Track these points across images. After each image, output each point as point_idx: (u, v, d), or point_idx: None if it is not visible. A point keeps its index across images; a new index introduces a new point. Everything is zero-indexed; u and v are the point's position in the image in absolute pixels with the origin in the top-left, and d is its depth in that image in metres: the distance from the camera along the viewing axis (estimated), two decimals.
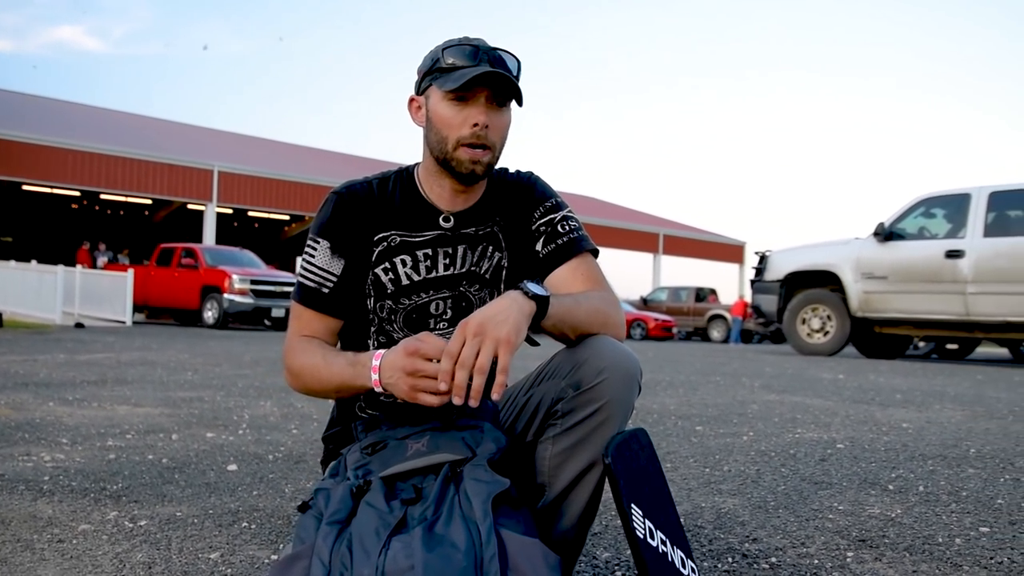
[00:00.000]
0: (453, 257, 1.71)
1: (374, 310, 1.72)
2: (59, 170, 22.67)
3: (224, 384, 6.09)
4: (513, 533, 1.32)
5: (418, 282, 1.70)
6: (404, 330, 1.72)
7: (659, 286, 32.70)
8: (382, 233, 1.70)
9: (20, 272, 18.68)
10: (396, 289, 1.70)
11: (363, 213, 1.69)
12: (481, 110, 1.59)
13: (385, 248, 1.70)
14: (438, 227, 1.71)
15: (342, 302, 1.70)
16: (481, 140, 1.60)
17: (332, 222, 1.69)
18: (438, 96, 1.62)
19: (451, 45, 1.62)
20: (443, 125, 1.62)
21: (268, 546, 2.15)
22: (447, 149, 1.62)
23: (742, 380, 7.17)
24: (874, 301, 11.18)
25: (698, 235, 39.26)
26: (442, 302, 1.72)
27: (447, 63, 1.60)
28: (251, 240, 30.10)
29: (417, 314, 1.72)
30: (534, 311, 1.45)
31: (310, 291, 1.69)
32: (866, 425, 4.32)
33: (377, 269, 1.70)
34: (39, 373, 6.45)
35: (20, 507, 2.44)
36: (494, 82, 1.58)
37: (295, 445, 3.63)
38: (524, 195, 1.77)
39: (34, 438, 3.62)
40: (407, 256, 1.70)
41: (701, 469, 3.16)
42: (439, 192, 1.71)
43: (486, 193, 1.76)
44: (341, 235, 1.68)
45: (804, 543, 2.20)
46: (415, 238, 1.70)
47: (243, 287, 17.96)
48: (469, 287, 1.73)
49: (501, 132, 1.64)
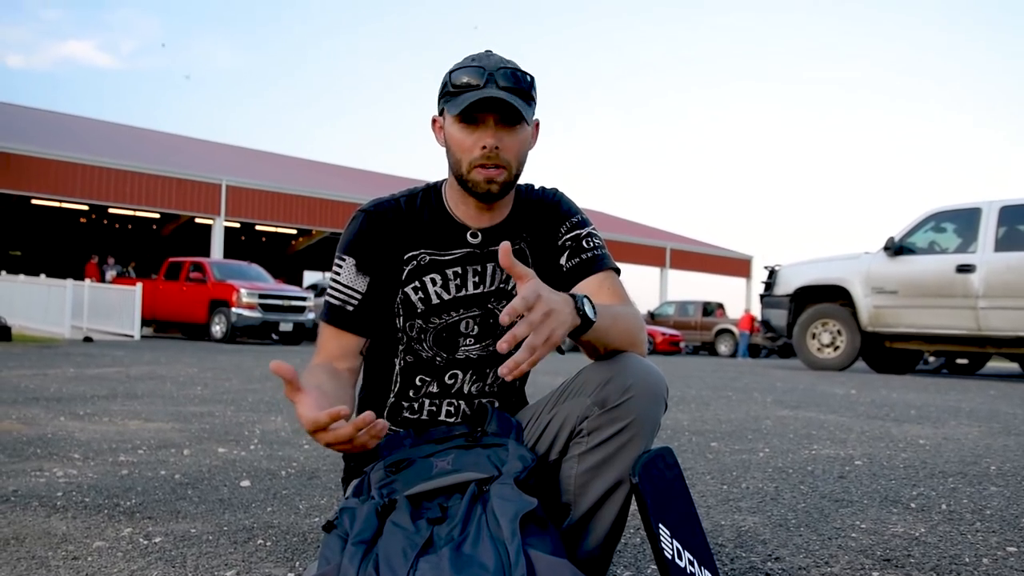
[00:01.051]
0: (483, 275, 1.70)
1: (403, 329, 1.70)
2: (68, 184, 22.76)
3: (234, 399, 6.07)
4: (541, 553, 1.30)
5: (448, 301, 1.69)
6: (434, 348, 1.70)
7: (666, 300, 32.67)
8: (411, 252, 1.68)
9: (29, 286, 18.73)
10: (426, 308, 1.68)
11: (390, 231, 1.68)
12: (490, 132, 1.58)
13: (415, 267, 1.68)
14: (466, 244, 1.70)
15: (366, 320, 1.68)
16: (493, 161, 1.59)
17: (358, 240, 1.67)
18: (450, 119, 1.62)
19: (459, 67, 1.61)
20: (456, 148, 1.62)
21: (284, 563, 2.12)
22: (463, 171, 1.62)
23: (754, 395, 7.13)
24: (884, 316, 11.14)
25: (705, 249, 39.23)
26: (471, 320, 1.70)
27: (455, 86, 1.59)
28: (259, 254, 30.15)
29: (447, 333, 1.70)
30: (576, 326, 1.41)
31: (335, 309, 1.67)
32: (882, 441, 4.28)
33: (407, 288, 1.68)
34: (49, 387, 6.45)
35: (34, 523, 2.42)
36: (498, 106, 1.57)
37: (307, 461, 3.61)
38: (550, 212, 1.76)
39: (46, 453, 3.60)
40: (437, 275, 1.68)
41: (719, 486, 3.13)
42: (465, 210, 1.70)
43: (515, 210, 1.74)
44: (367, 253, 1.67)
45: (828, 562, 2.17)
46: (444, 256, 1.69)
47: (251, 301, 17.99)
48: (497, 304, 1.72)
49: (516, 150, 1.61)
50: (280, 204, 26.79)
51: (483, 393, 1.75)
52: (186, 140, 34.55)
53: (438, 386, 1.72)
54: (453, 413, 1.72)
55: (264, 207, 26.51)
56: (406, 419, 1.72)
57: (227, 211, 25.53)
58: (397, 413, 1.73)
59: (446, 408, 1.72)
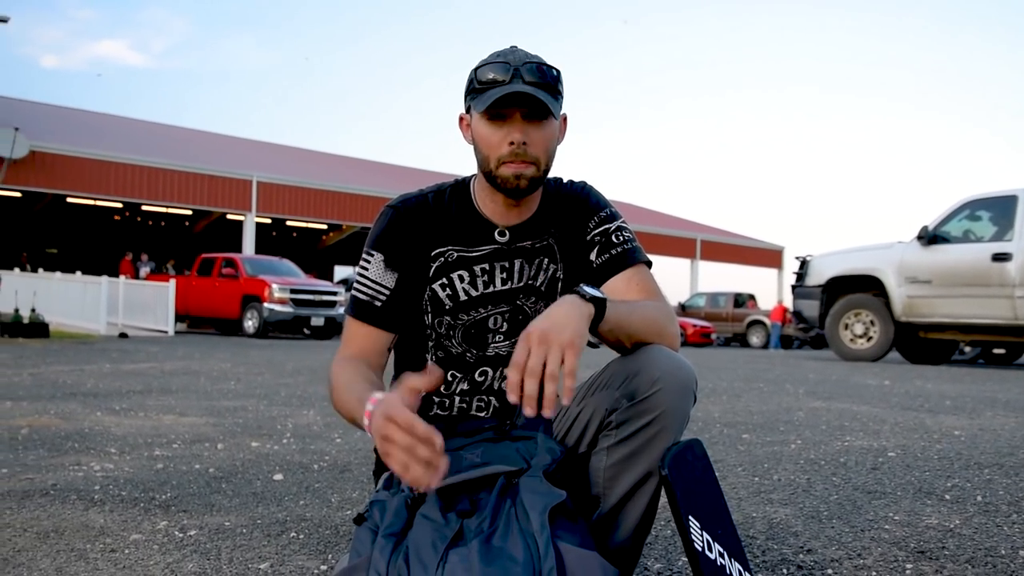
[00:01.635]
0: (510, 271, 1.70)
1: (432, 325, 1.70)
2: (102, 182, 23.04)
3: (267, 393, 6.13)
4: (570, 545, 1.31)
5: (476, 297, 1.69)
6: (463, 345, 1.70)
7: (697, 292, 32.49)
8: (439, 248, 1.69)
9: (66, 283, 18.99)
10: (454, 305, 1.69)
11: (419, 227, 1.68)
12: (518, 127, 1.57)
13: (443, 263, 1.68)
14: (494, 241, 1.70)
15: (394, 316, 1.68)
16: (521, 157, 1.58)
17: (386, 235, 1.68)
18: (477, 116, 1.61)
19: (484, 63, 1.61)
20: (484, 145, 1.61)
21: (317, 556, 2.14)
22: (491, 167, 1.61)
23: (786, 387, 7.08)
24: (918, 306, 11.00)
25: (736, 240, 38.96)
26: (500, 316, 1.70)
27: (481, 82, 1.59)
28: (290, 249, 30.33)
29: (476, 329, 1.70)
30: (592, 314, 1.42)
31: (362, 304, 1.68)
32: (917, 433, 4.24)
33: (435, 285, 1.68)
34: (86, 383, 6.54)
35: (73, 517, 2.46)
36: (524, 100, 1.56)
37: (339, 454, 3.64)
38: (578, 206, 1.75)
39: (84, 448, 3.66)
40: (464, 271, 1.69)
41: (750, 478, 3.12)
42: (493, 207, 1.70)
43: (542, 205, 1.74)
44: (395, 248, 1.67)
45: (860, 554, 2.15)
46: (472, 253, 1.69)
47: (283, 296, 18.12)
48: (526, 300, 1.71)
49: (544, 145, 1.61)
50: (310, 199, 26.96)
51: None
52: (217, 137, 34.83)
53: (469, 383, 1.72)
54: (483, 408, 1.72)
55: (294, 202, 26.69)
56: (437, 415, 1.73)
57: (258, 207, 25.73)
58: (428, 409, 1.74)
59: (476, 404, 1.73)
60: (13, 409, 4.83)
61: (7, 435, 3.92)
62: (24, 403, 5.14)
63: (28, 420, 4.42)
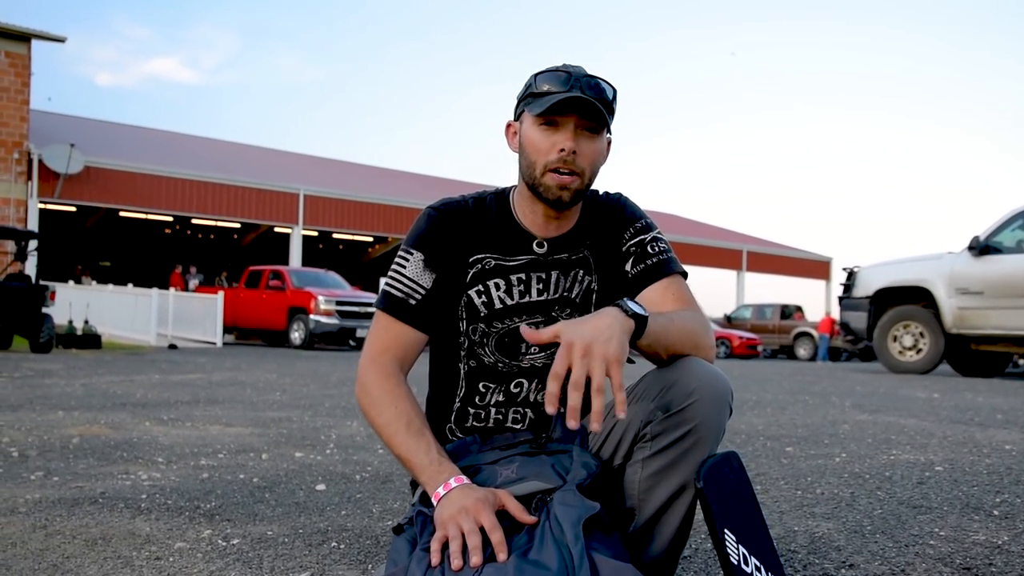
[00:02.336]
0: (547, 283, 1.71)
1: (466, 332, 1.71)
2: (154, 196, 23.50)
3: (311, 404, 6.20)
4: (605, 557, 1.31)
5: (511, 306, 1.70)
6: (495, 354, 1.71)
7: (743, 303, 32.19)
8: (477, 255, 1.70)
9: (117, 295, 19.38)
10: (489, 313, 1.70)
11: (458, 231, 1.70)
12: (569, 136, 1.58)
13: (479, 270, 1.70)
14: (532, 252, 1.71)
15: (428, 316, 1.69)
16: (568, 166, 1.59)
17: (427, 236, 1.69)
18: (529, 121, 1.62)
19: (545, 71, 1.63)
20: (532, 150, 1.62)
21: (357, 566, 2.16)
22: (535, 174, 1.62)
23: (832, 399, 6.99)
24: (970, 317, 10.80)
25: (783, 251, 38.56)
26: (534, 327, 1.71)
27: (540, 89, 1.61)
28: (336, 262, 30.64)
29: (509, 338, 1.71)
30: (633, 328, 1.43)
31: (396, 300, 1.67)
32: (965, 447, 4.16)
33: (471, 291, 1.70)
34: (136, 393, 6.66)
35: (120, 524, 2.51)
36: (581, 107, 1.57)
37: (382, 465, 3.66)
38: (613, 217, 1.76)
39: (132, 457, 3.73)
40: (501, 280, 1.70)
41: (793, 491, 3.09)
42: (532, 218, 1.71)
43: (580, 219, 1.74)
44: (435, 250, 1.68)
45: (904, 570, 2.12)
46: (509, 262, 1.70)
47: (329, 308, 18.30)
48: (561, 312, 1.72)
49: (592, 159, 1.62)
50: (356, 212, 27.23)
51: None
52: (264, 151, 35.31)
53: (504, 394, 1.73)
54: (519, 420, 1.73)
55: (341, 215, 26.97)
56: (473, 427, 1.74)
57: (305, 220, 26.04)
58: (464, 420, 1.75)
59: (512, 416, 1.73)
60: (65, 419, 4.94)
61: (59, 444, 4.01)
62: (76, 413, 5.25)
63: (79, 429, 4.51)
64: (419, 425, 1.56)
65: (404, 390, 1.62)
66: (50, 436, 4.25)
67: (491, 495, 1.40)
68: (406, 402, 1.59)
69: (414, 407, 1.59)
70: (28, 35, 21.34)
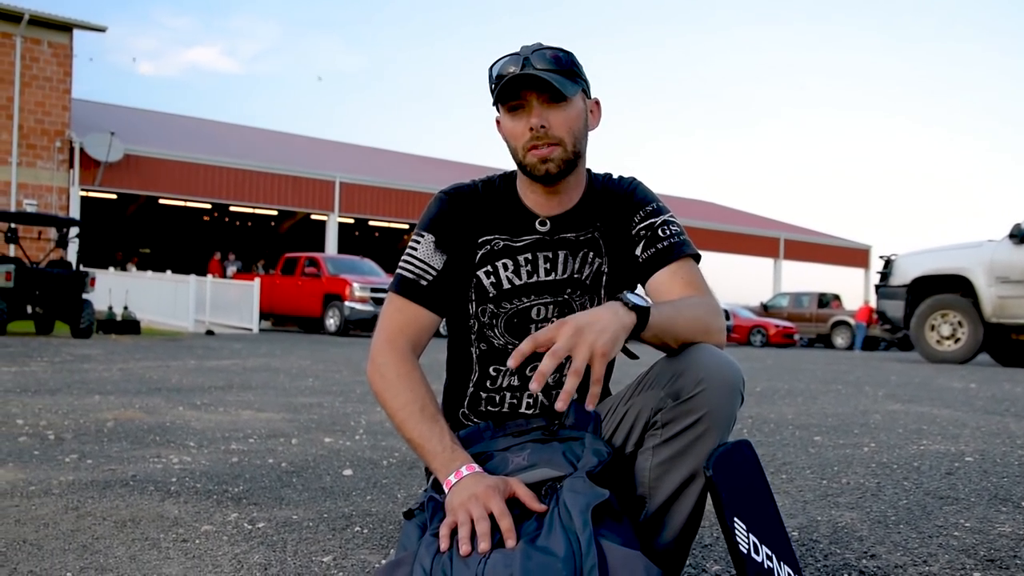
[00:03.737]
0: (554, 262, 1.72)
1: (476, 314, 1.73)
2: (192, 184, 23.78)
3: (343, 390, 6.26)
4: (613, 544, 1.31)
5: (519, 286, 1.72)
6: (505, 335, 1.73)
7: (780, 292, 31.91)
8: (485, 236, 1.72)
9: (156, 282, 19.65)
10: (498, 293, 1.72)
11: (468, 213, 1.72)
12: (535, 112, 1.61)
13: (488, 251, 1.72)
14: (535, 232, 1.72)
15: (440, 297, 1.71)
16: (543, 140, 1.61)
17: (439, 219, 1.72)
18: (502, 112, 1.67)
19: (498, 59, 1.66)
20: (510, 136, 1.66)
21: (379, 551, 2.19)
22: (520, 158, 1.66)
23: (865, 389, 6.92)
24: (1010, 306, 10.63)
25: (820, 239, 38.14)
26: (544, 308, 1.72)
27: (497, 78, 1.64)
28: (371, 249, 30.83)
29: (518, 319, 1.72)
30: (634, 323, 1.43)
31: (408, 281, 1.70)
32: (998, 438, 4.11)
33: (480, 272, 1.72)
34: (171, 378, 6.77)
35: (149, 507, 2.56)
36: (533, 83, 1.60)
37: (409, 451, 3.69)
38: (623, 200, 1.76)
39: (164, 441, 3.79)
40: (509, 260, 1.72)
41: (818, 481, 3.07)
42: (534, 197, 1.73)
43: (586, 198, 1.75)
44: (447, 232, 1.71)
45: (927, 561, 2.11)
46: (516, 243, 1.72)
47: (364, 295, 18.43)
48: (573, 294, 1.73)
49: (567, 125, 1.63)
50: (391, 199, 27.34)
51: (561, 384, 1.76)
52: (301, 139, 35.55)
53: (519, 379, 1.74)
54: (532, 405, 1.74)
55: (376, 203, 27.11)
56: (489, 411, 1.75)
57: (340, 207, 26.21)
58: (477, 404, 1.76)
59: (527, 400, 1.75)
60: (101, 403, 5.04)
61: (94, 428, 4.09)
62: (112, 397, 5.35)
63: (114, 414, 4.60)
64: (433, 411, 1.57)
65: (419, 374, 1.63)
66: (86, 420, 4.33)
67: (502, 483, 1.42)
68: (421, 387, 1.60)
69: (428, 392, 1.60)
70: (70, 25, 21.65)
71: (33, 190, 21.19)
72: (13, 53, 21.01)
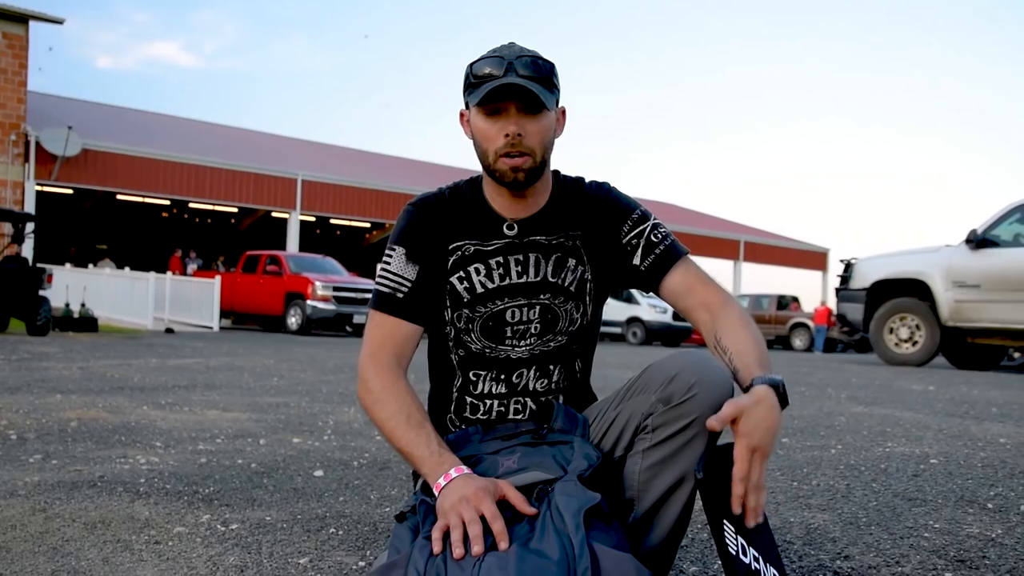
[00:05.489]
0: (525, 265, 1.73)
1: (451, 321, 1.74)
2: (151, 180, 23.45)
3: (309, 390, 6.21)
4: (605, 547, 1.32)
5: (492, 289, 1.72)
6: (482, 340, 1.73)
7: (740, 294, 32.20)
8: (456, 242, 1.73)
9: (114, 279, 19.35)
10: (471, 297, 1.72)
11: (437, 222, 1.73)
12: (512, 120, 1.61)
13: (459, 257, 1.72)
14: (503, 235, 1.73)
15: (417, 307, 1.71)
16: (517, 148, 1.62)
17: (408, 231, 1.72)
18: (475, 111, 1.66)
19: (480, 59, 1.65)
20: (482, 138, 1.66)
21: (355, 552, 2.17)
22: (489, 161, 1.66)
23: (828, 391, 7.01)
24: (966, 310, 10.83)
25: (780, 242, 38.57)
26: (518, 310, 1.73)
27: (477, 77, 1.63)
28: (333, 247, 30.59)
29: (493, 322, 1.73)
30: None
31: (384, 296, 1.71)
32: (961, 440, 4.18)
33: (452, 278, 1.72)
34: (133, 377, 6.67)
35: (119, 508, 2.52)
36: (517, 93, 1.59)
37: (379, 452, 3.67)
38: (607, 210, 1.77)
39: (130, 441, 3.74)
40: (480, 264, 1.72)
41: (789, 483, 3.10)
42: (501, 200, 1.74)
43: (554, 201, 1.76)
44: (417, 242, 1.71)
45: (899, 562, 2.14)
46: (487, 247, 1.73)
47: (326, 294, 18.30)
48: (554, 299, 1.73)
49: (539, 136, 1.64)
50: (354, 198, 27.19)
51: (549, 390, 1.76)
52: (263, 136, 35.20)
53: (506, 386, 1.74)
54: (520, 411, 1.74)
55: (338, 201, 26.94)
56: (476, 418, 1.75)
57: (303, 205, 26.00)
58: (462, 410, 1.76)
59: (514, 407, 1.75)
60: (63, 402, 4.95)
61: (57, 427, 4.02)
62: (73, 396, 5.26)
63: (77, 413, 4.52)
64: (419, 418, 1.58)
65: (403, 384, 1.64)
66: (48, 419, 4.25)
67: (492, 484, 1.42)
68: (406, 396, 1.61)
69: (414, 401, 1.61)
70: (26, 16, 21.23)
71: None
72: None
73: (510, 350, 1.74)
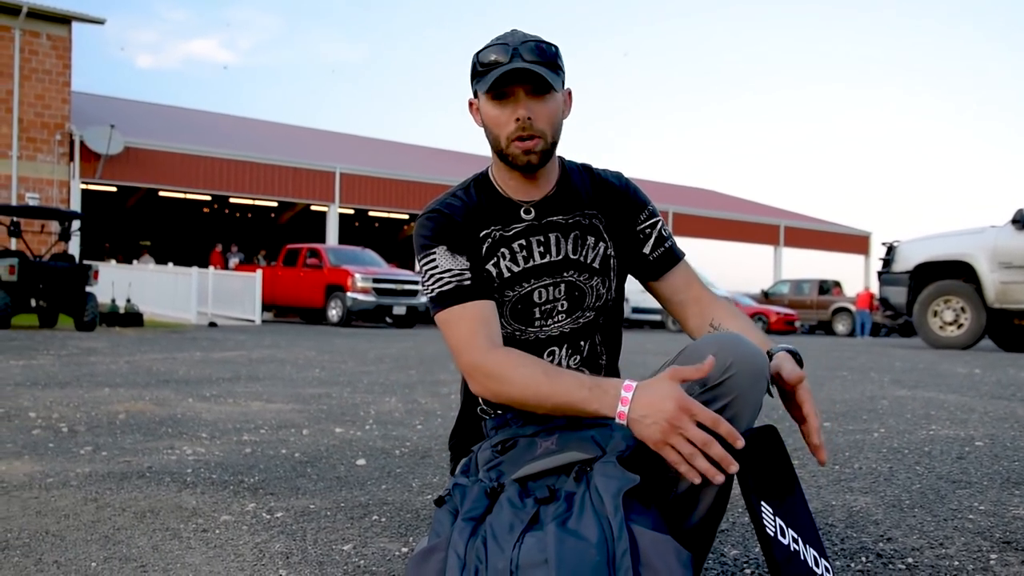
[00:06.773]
0: (547, 245, 1.76)
1: None
2: (192, 176, 23.74)
3: (350, 380, 6.27)
4: (644, 528, 1.33)
5: (518, 272, 1.75)
6: (512, 323, 1.76)
7: (781, 279, 31.91)
8: (484, 231, 1.75)
9: (158, 274, 19.63)
10: (500, 282, 1.75)
11: (461, 218, 1.74)
12: (522, 104, 1.65)
13: (490, 244, 1.75)
14: (522, 219, 1.77)
15: (484, 286, 1.70)
16: (528, 131, 1.65)
17: (441, 230, 1.71)
18: (484, 98, 1.69)
19: (485, 47, 1.69)
20: (493, 124, 1.69)
21: (398, 539, 2.20)
22: (502, 147, 1.69)
23: (871, 375, 6.94)
24: (1013, 292, 10.64)
25: (821, 226, 38.11)
26: (544, 290, 1.76)
27: (484, 65, 1.67)
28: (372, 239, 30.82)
29: (522, 304, 1.76)
30: None
31: (451, 291, 1.66)
32: (1007, 422, 4.12)
33: (487, 265, 1.75)
34: (178, 371, 6.78)
35: (167, 498, 2.58)
36: (525, 77, 1.63)
37: (420, 440, 3.71)
38: (624, 198, 1.84)
39: (176, 432, 3.81)
40: (505, 250, 1.75)
41: (831, 466, 3.09)
42: (514, 185, 1.77)
43: (563, 182, 1.80)
44: (452, 238, 1.71)
45: (943, 544, 2.12)
46: (509, 232, 1.76)
47: (366, 286, 18.43)
48: (579, 276, 1.77)
49: (549, 118, 1.68)
50: (392, 190, 27.31)
51: (580, 367, 1.79)
52: (301, 130, 35.46)
53: None
54: None
55: (376, 193, 27.08)
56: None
57: (341, 198, 26.17)
58: None
59: None
60: (111, 395, 5.05)
61: (106, 420, 4.10)
62: (121, 390, 5.36)
63: (125, 406, 4.61)
64: (554, 368, 1.56)
65: (516, 351, 1.60)
66: (97, 412, 4.35)
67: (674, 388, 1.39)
68: (524, 358, 1.57)
69: (535, 358, 1.58)
70: (68, 17, 21.56)
71: (34, 183, 21.16)
72: (12, 46, 20.93)
73: (538, 331, 1.76)
